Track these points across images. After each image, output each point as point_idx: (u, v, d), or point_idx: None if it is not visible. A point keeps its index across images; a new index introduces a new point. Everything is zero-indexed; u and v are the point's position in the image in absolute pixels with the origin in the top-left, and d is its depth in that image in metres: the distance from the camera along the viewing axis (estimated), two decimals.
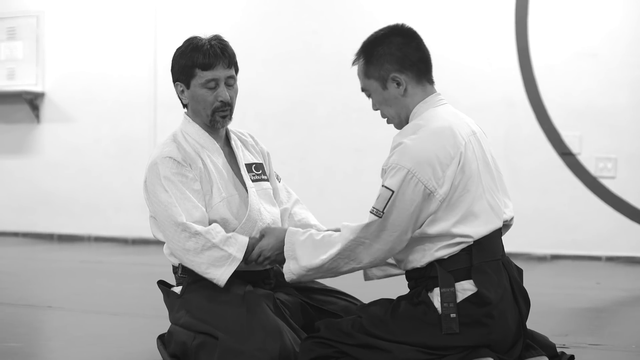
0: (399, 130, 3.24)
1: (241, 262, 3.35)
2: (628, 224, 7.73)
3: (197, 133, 3.58)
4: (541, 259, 7.78)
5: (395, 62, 3.17)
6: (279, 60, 8.70)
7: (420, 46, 3.22)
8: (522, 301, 3.17)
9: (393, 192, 3.01)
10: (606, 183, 7.78)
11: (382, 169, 3.13)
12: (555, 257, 7.86)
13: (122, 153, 9.28)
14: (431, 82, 3.25)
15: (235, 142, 3.69)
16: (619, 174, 7.77)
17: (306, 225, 3.75)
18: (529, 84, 7.91)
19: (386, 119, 3.34)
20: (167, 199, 3.40)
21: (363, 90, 3.32)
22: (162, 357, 3.56)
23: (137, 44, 9.19)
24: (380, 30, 3.26)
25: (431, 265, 3.10)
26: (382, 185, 3.05)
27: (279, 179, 3.87)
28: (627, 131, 7.74)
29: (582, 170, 7.82)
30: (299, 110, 8.61)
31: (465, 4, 7.82)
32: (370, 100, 3.32)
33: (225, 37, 3.61)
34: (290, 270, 3.17)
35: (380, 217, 3.00)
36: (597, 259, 7.77)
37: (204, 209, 3.43)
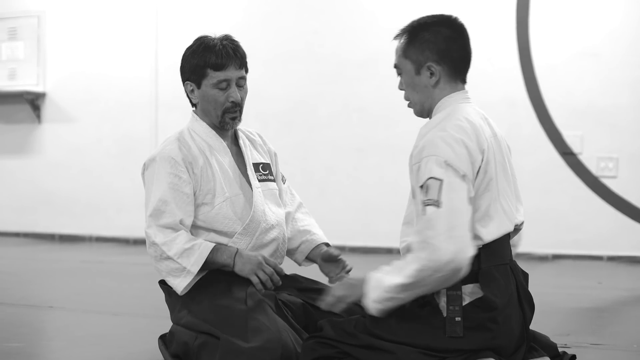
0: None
1: (200, 274, 3.40)
2: (629, 224, 7.73)
3: (205, 131, 3.58)
4: (543, 258, 7.78)
5: (436, 52, 3.14)
6: (280, 60, 8.70)
7: (465, 45, 3.19)
8: (527, 306, 3.16)
9: (441, 180, 2.91)
10: (607, 183, 7.78)
11: (412, 164, 3.05)
12: (557, 257, 7.86)
13: (123, 153, 9.28)
14: (464, 81, 3.22)
15: (243, 141, 3.69)
16: (620, 173, 7.77)
17: (308, 233, 3.79)
18: (530, 84, 7.91)
19: (408, 102, 3.28)
20: (151, 197, 3.47)
21: (396, 67, 3.27)
22: (164, 357, 3.56)
23: (138, 44, 9.19)
24: (433, 16, 3.23)
25: None
26: (426, 180, 2.93)
27: (284, 180, 3.87)
28: (629, 131, 7.74)
29: (584, 170, 7.82)
30: (300, 110, 8.62)
31: (467, 4, 7.82)
32: (399, 79, 3.27)
33: (228, 34, 3.61)
34: (373, 299, 3.00)
35: (439, 207, 2.90)
36: (598, 258, 7.77)
37: (181, 216, 3.44)
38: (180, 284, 3.39)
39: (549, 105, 7.89)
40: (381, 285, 2.96)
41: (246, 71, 3.59)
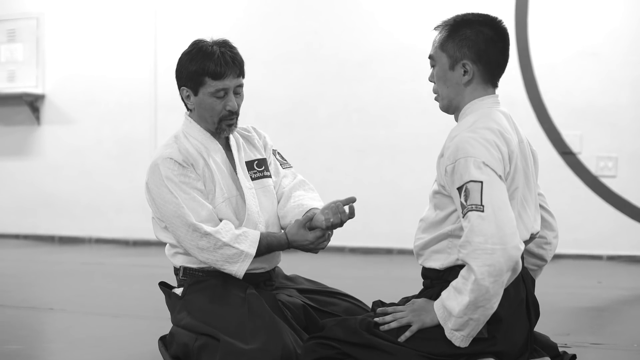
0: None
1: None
2: (629, 223, 7.73)
3: (199, 133, 3.57)
4: None
5: (475, 51, 3.12)
6: (279, 61, 8.70)
7: (504, 50, 3.18)
8: (533, 313, 3.16)
9: (481, 181, 2.88)
10: (607, 182, 7.79)
11: (445, 165, 3.00)
12: (557, 257, 7.82)
13: (123, 155, 9.28)
14: (495, 85, 3.20)
15: (236, 141, 3.67)
16: (619, 173, 7.77)
17: (300, 206, 3.68)
18: (529, 83, 7.91)
19: (436, 95, 3.24)
20: (173, 200, 3.41)
21: (430, 57, 3.23)
22: (164, 358, 3.56)
23: (137, 46, 9.19)
24: (477, 15, 3.21)
25: (450, 269, 3.09)
26: (466, 183, 2.90)
27: (285, 166, 3.84)
28: (628, 130, 7.74)
29: (583, 170, 7.82)
30: (299, 111, 8.62)
31: (465, 4, 7.81)
32: (431, 70, 3.24)
33: (226, 39, 3.57)
34: (451, 328, 2.93)
35: (483, 211, 2.85)
36: (598, 258, 7.78)
37: (210, 207, 3.44)
38: (240, 269, 3.37)
39: (548, 105, 7.90)
40: (452, 313, 2.90)
41: (243, 77, 3.55)
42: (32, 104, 9.49)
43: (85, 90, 9.38)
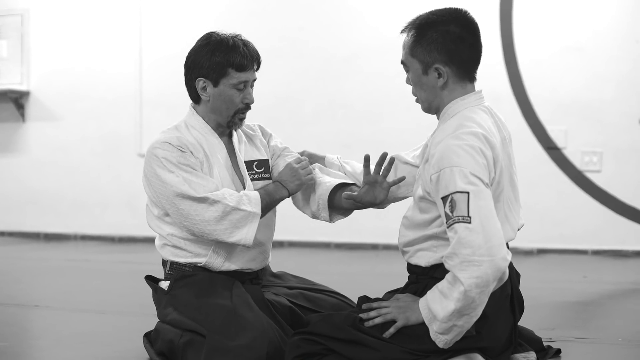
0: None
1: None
2: (614, 218, 7.76)
3: (201, 126, 3.56)
4: (528, 253, 7.80)
5: (444, 53, 3.07)
6: (265, 57, 8.54)
7: (475, 45, 3.13)
8: (517, 308, 3.17)
9: (467, 192, 2.85)
10: (592, 177, 7.81)
11: (430, 173, 2.97)
12: (542, 251, 7.88)
13: (108, 151, 9.26)
14: (472, 80, 3.17)
15: (239, 138, 3.67)
16: (604, 167, 7.80)
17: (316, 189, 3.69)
18: (514, 79, 7.93)
19: (415, 97, 3.23)
20: (173, 178, 3.38)
21: (403, 63, 3.21)
22: (149, 355, 3.56)
23: (122, 42, 9.16)
24: (442, 12, 3.13)
25: (436, 266, 3.09)
26: (452, 194, 2.86)
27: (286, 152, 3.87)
28: (613, 125, 7.77)
29: (568, 165, 7.84)
30: (285, 106, 8.61)
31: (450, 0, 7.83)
32: (407, 75, 3.21)
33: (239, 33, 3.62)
34: (436, 331, 2.93)
35: (470, 222, 2.82)
36: (583, 252, 7.80)
37: (216, 180, 3.44)
38: (248, 233, 3.35)
39: (533, 101, 7.91)
40: (437, 317, 2.89)
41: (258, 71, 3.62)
42: (17, 100, 9.45)
43: (70, 87, 9.35)
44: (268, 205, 3.46)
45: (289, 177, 3.53)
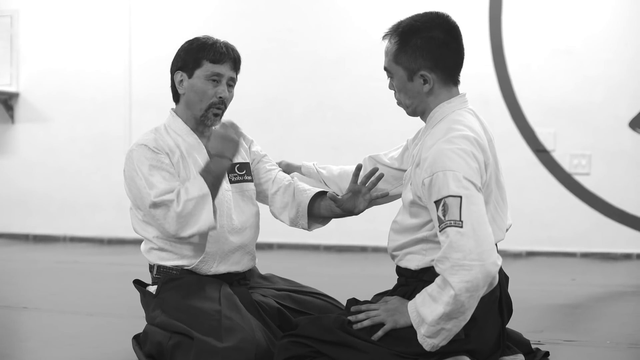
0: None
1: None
2: (603, 221, 7.78)
3: (181, 128, 3.59)
4: (516, 255, 7.81)
5: (429, 59, 3.06)
6: (254, 58, 8.68)
7: (459, 49, 3.12)
8: (506, 311, 3.17)
9: (460, 196, 2.84)
10: (581, 180, 7.83)
11: (422, 177, 2.96)
12: (531, 254, 7.89)
13: (97, 152, 9.24)
14: (457, 83, 3.17)
15: None
16: (593, 170, 7.82)
17: (297, 198, 3.71)
18: (503, 82, 7.94)
19: (398, 101, 3.23)
20: (141, 183, 3.41)
21: (386, 70, 3.18)
22: (138, 357, 3.55)
23: (111, 43, 9.15)
24: (424, 17, 3.12)
25: (426, 269, 3.09)
26: (444, 198, 2.86)
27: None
28: (602, 128, 7.78)
29: (557, 167, 7.86)
30: (274, 108, 8.61)
31: (439, 2, 7.83)
32: (389, 80, 3.20)
33: (200, 35, 3.66)
34: (424, 334, 2.92)
35: (462, 227, 2.82)
36: (572, 255, 7.81)
37: (175, 183, 3.41)
38: (207, 214, 3.31)
39: (522, 103, 7.93)
40: (425, 320, 2.89)
41: (237, 73, 3.65)
42: (6, 102, 9.43)
43: (60, 88, 9.33)
44: (214, 183, 3.39)
45: (221, 144, 3.41)
